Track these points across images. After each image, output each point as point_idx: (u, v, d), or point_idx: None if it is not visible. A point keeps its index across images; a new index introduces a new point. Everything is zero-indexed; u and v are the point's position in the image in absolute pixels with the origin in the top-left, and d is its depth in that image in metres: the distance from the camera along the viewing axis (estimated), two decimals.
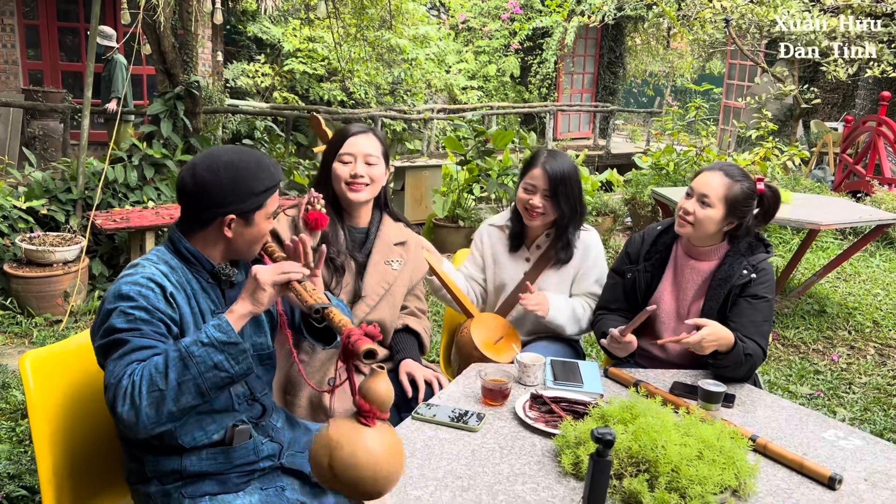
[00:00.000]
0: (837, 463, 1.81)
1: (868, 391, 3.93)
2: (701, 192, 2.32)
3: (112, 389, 1.51)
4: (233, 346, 1.56)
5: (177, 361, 1.52)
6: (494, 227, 2.80)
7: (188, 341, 1.55)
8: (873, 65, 7.79)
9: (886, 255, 6.58)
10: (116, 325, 1.57)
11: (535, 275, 2.69)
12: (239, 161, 1.73)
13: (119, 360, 1.54)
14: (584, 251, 2.68)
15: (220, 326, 1.57)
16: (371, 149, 2.31)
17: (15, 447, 2.71)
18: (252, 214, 1.73)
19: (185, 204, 1.74)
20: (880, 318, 5.04)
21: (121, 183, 5.27)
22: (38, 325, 4.25)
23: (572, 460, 1.68)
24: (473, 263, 2.80)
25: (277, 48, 11.40)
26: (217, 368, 1.54)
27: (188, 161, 1.76)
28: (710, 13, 8.13)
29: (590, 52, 14.98)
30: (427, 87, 12.71)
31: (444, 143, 6.01)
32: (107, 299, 1.62)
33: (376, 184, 2.33)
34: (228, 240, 1.74)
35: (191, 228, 1.74)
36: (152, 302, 1.60)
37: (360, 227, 2.40)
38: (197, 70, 5.72)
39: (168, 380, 1.50)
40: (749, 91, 10.66)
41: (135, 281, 1.62)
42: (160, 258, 1.72)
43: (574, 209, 2.61)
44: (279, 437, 1.88)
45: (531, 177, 2.58)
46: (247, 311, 1.62)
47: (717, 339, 2.13)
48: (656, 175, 7.01)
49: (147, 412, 1.50)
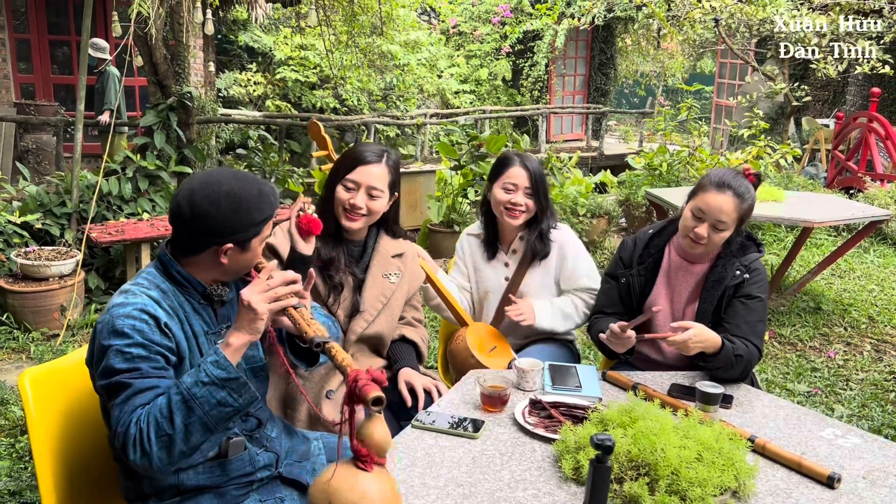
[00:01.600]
0: (836, 461, 1.81)
1: (865, 387, 3.94)
2: (716, 219, 2.26)
3: (121, 438, 1.52)
4: (233, 381, 1.55)
5: (180, 405, 1.52)
6: (472, 235, 2.82)
7: (189, 382, 1.55)
8: (863, 62, 7.83)
9: (881, 251, 6.61)
10: (115, 366, 1.56)
11: (519, 279, 2.71)
12: (240, 190, 1.70)
13: (123, 405, 1.54)
14: (561, 247, 2.70)
15: (219, 363, 1.56)
16: (377, 181, 2.28)
17: (15, 463, 2.70)
18: (248, 242, 1.72)
19: (179, 230, 1.71)
20: (876, 313, 5.06)
21: (115, 195, 5.27)
22: (35, 340, 4.24)
23: (572, 465, 1.69)
24: (459, 273, 2.82)
25: (269, 57, 11.41)
26: (221, 405, 1.55)
27: (184, 185, 1.72)
28: (700, 13, 8.17)
29: (581, 54, 15.03)
30: (419, 92, 12.73)
31: (438, 148, 6.02)
32: (101, 333, 1.60)
33: (374, 216, 2.31)
34: (222, 265, 1.72)
35: (183, 253, 1.72)
36: (147, 336, 1.59)
37: (358, 240, 2.40)
38: (189, 81, 5.72)
39: (174, 424, 1.51)
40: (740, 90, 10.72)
41: (127, 314, 1.59)
42: (151, 282, 1.69)
43: (547, 202, 2.67)
44: (274, 446, 1.88)
45: (510, 176, 2.60)
46: (244, 342, 1.61)
47: (703, 341, 2.14)
48: (650, 176, 7.03)
49: (159, 456, 1.51)
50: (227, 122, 9.15)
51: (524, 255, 2.69)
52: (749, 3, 8.21)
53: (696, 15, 8.28)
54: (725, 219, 2.27)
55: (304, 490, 1.88)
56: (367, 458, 1.36)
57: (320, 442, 2.03)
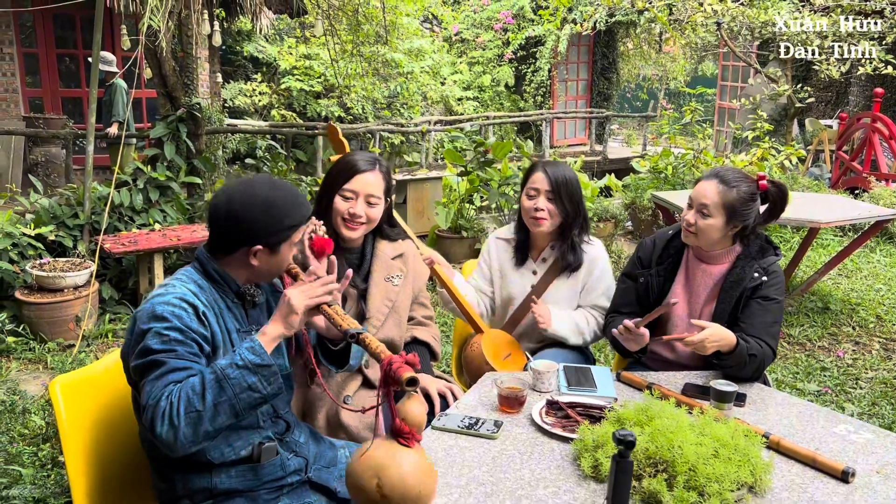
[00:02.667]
0: (849, 457, 1.85)
1: (875, 385, 3.97)
2: (699, 203, 2.36)
3: (150, 410, 1.56)
4: (266, 367, 1.62)
5: (213, 383, 1.58)
6: (501, 239, 2.83)
7: (224, 363, 1.61)
8: (865, 62, 7.87)
9: (887, 251, 6.64)
10: (152, 346, 1.61)
11: (544, 287, 2.73)
12: (276, 198, 1.78)
13: (156, 381, 1.59)
14: (591, 263, 2.72)
15: (254, 349, 1.63)
16: (375, 189, 2.31)
17: (38, 471, 2.75)
18: (279, 246, 1.79)
19: (214, 229, 1.79)
20: (883, 312, 5.08)
21: (126, 206, 5.33)
22: (52, 351, 4.29)
23: (591, 463, 1.73)
24: (482, 276, 2.84)
25: (273, 67, 11.49)
26: (251, 389, 1.60)
27: (224, 187, 1.81)
28: (702, 17, 8.21)
29: (583, 59, 15.09)
30: (423, 99, 12.79)
31: (444, 155, 6.07)
32: (140, 319, 1.66)
33: (372, 224, 2.34)
34: (253, 266, 1.79)
35: (218, 252, 1.80)
36: (185, 322, 1.65)
37: (355, 248, 2.41)
38: (198, 92, 5.78)
39: (205, 401, 1.56)
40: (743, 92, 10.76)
41: (167, 301, 1.66)
42: (189, 278, 1.77)
43: (577, 211, 2.66)
44: (303, 451, 1.92)
45: (533, 181, 2.64)
46: (279, 334, 1.68)
47: (719, 340, 2.18)
48: (655, 179, 7.07)
49: (185, 432, 1.55)
50: (233, 132, 9.21)
51: (553, 264, 2.71)
52: (751, 6, 8.25)
53: (699, 18, 8.33)
54: (707, 202, 2.33)
55: (333, 496, 1.92)
56: (409, 435, 1.44)
57: (346, 450, 2.06)
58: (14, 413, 3.15)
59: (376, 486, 1.41)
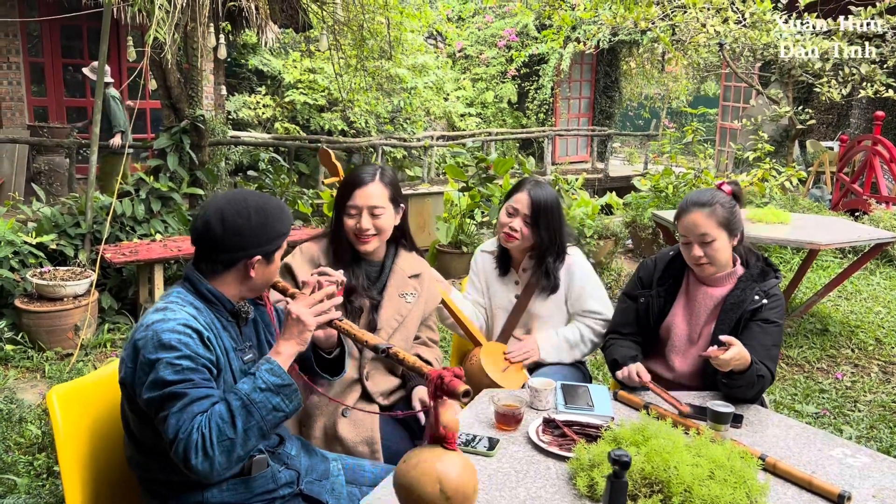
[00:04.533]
0: (846, 480, 1.84)
1: (873, 409, 3.96)
2: (698, 235, 2.37)
3: (182, 444, 1.57)
4: (287, 387, 1.66)
5: (240, 409, 1.61)
6: (485, 252, 2.88)
7: (247, 388, 1.64)
8: (866, 85, 7.91)
9: (886, 273, 6.64)
10: (167, 378, 1.61)
11: (527, 299, 2.75)
12: (266, 205, 1.80)
13: (181, 413, 1.59)
14: (569, 270, 2.73)
15: (273, 370, 1.66)
16: (376, 199, 2.33)
17: (33, 481, 2.74)
18: (273, 254, 1.81)
19: (208, 248, 1.78)
20: (883, 335, 5.08)
21: (128, 216, 5.34)
22: (50, 360, 4.29)
23: (587, 483, 1.72)
24: (474, 289, 2.87)
25: (278, 80, 11.55)
26: (276, 410, 1.64)
27: (209, 205, 1.80)
28: (705, 38, 8.26)
29: (586, 77, 15.17)
30: (426, 114, 12.85)
31: (446, 170, 6.10)
32: (145, 348, 1.64)
33: (384, 232, 2.37)
34: (250, 280, 1.80)
35: (211, 270, 1.79)
36: (193, 349, 1.65)
37: (375, 260, 2.45)
38: (202, 104, 5.82)
39: (236, 428, 1.59)
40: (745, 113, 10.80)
41: (172, 329, 1.65)
42: (184, 300, 1.75)
43: (553, 239, 2.67)
44: (295, 464, 1.92)
45: (515, 200, 2.66)
46: (293, 352, 1.71)
47: (741, 359, 2.17)
48: (656, 198, 7.08)
49: (220, 461, 1.58)
50: (237, 144, 9.25)
51: (531, 278, 2.73)
52: (753, 28, 8.31)
53: (701, 40, 8.38)
54: (704, 230, 2.35)
55: None
56: (452, 440, 1.51)
57: (339, 463, 2.06)
58: (10, 422, 3.15)
59: (440, 491, 1.46)
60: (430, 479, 1.48)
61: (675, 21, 8.18)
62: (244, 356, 1.84)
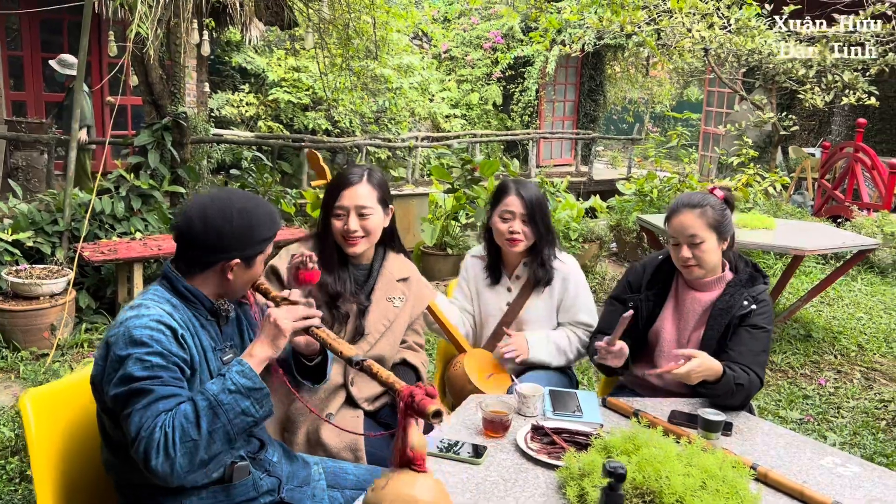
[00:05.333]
0: (837, 490, 1.82)
1: (856, 415, 3.97)
2: (687, 236, 2.35)
3: (144, 442, 1.51)
4: (257, 391, 1.60)
5: (206, 410, 1.55)
6: (476, 258, 2.83)
7: (215, 389, 1.57)
8: (849, 92, 7.97)
9: (868, 280, 6.68)
10: (135, 374, 1.55)
11: (520, 305, 2.71)
12: (252, 208, 1.76)
13: (144, 410, 1.53)
14: (565, 279, 2.71)
15: (244, 372, 1.60)
16: (364, 199, 2.29)
17: (5, 486, 2.66)
18: (254, 259, 1.77)
19: (187, 246, 1.74)
20: (864, 341, 5.10)
21: (108, 214, 5.25)
22: (25, 360, 4.19)
23: (577, 492, 1.69)
24: (462, 294, 2.82)
25: (262, 78, 11.45)
26: (244, 414, 1.58)
27: (194, 202, 1.75)
28: (690, 42, 8.28)
29: (570, 81, 15.19)
30: (411, 115, 12.80)
31: (431, 172, 6.05)
32: (116, 344, 1.60)
33: (373, 234, 2.33)
34: (228, 281, 1.75)
35: (189, 270, 1.74)
36: (165, 346, 1.60)
37: (363, 264, 2.41)
38: (184, 101, 5.73)
39: (200, 429, 1.53)
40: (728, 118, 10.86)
41: (145, 325, 1.60)
42: (161, 297, 1.71)
43: (548, 230, 2.67)
44: (276, 471, 1.87)
45: (506, 205, 2.62)
46: (266, 356, 1.66)
47: (705, 371, 2.15)
48: (640, 202, 7.08)
49: (181, 462, 1.52)
50: (219, 142, 9.15)
51: (527, 281, 2.69)
52: (738, 34, 8.34)
53: (686, 44, 8.40)
54: (694, 232, 2.34)
55: None
56: (421, 462, 1.48)
57: (320, 467, 2.02)
58: None
59: None
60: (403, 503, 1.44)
61: (661, 25, 8.19)
62: (223, 356, 1.79)
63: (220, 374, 1.63)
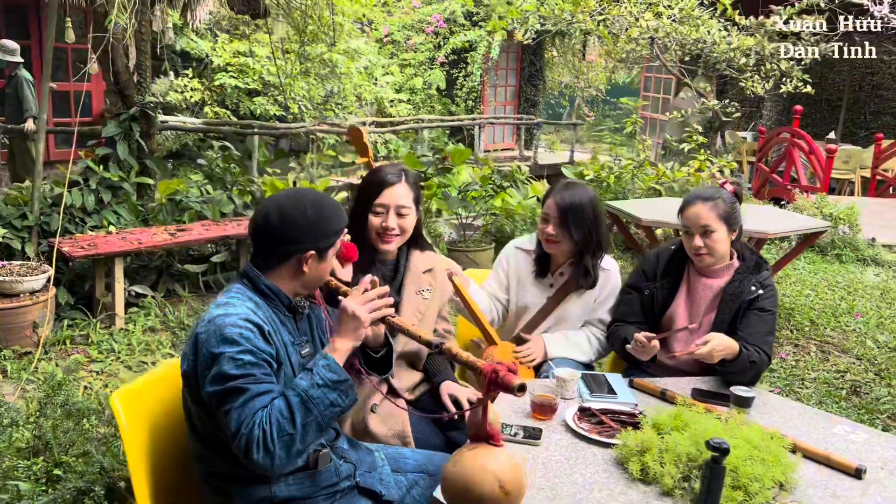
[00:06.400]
0: (854, 454, 2.04)
1: (819, 385, 4.29)
2: (700, 226, 2.55)
3: (244, 439, 1.61)
4: (343, 382, 1.70)
5: (299, 405, 1.65)
6: (521, 250, 2.93)
7: (305, 384, 1.67)
8: (786, 81, 8.41)
9: (810, 258, 7.13)
10: (229, 373, 1.64)
11: (558, 301, 2.84)
12: (322, 200, 1.85)
13: (242, 408, 1.63)
14: (604, 281, 2.83)
15: (329, 366, 1.70)
16: (405, 199, 2.38)
17: (32, 486, 2.65)
18: (327, 251, 1.85)
19: (264, 241, 1.83)
20: (815, 317, 5.48)
21: (78, 207, 5.13)
22: (8, 358, 4.10)
23: (639, 467, 1.86)
24: (498, 283, 2.93)
25: (206, 62, 11.20)
26: (333, 405, 1.69)
27: (267, 200, 1.85)
28: (638, 31, 8.57)
29: (511, 66, 15.41)
30: (357, 99, 12.76)
31: (403, 161, 6.13)
32: (207, 342, 1.68)
33: (406, 233, 2.42)
34: (303, 275, 1.83)
35: (267, 265, 1.83)
36: (255, 343, 1.69)
37: (390, 260, 2.49)
38: (151, 90, 5.62)
39: (295, 424, 1.63)
40: (673, 105, 11.26)
41: (234, 323, 1.69)
42: (244, 295, 1.79)
43: (588, 237, 2.72)
44: (350, 457, 1.98)
45: (546, 207, 2.76)
46: (349, 347, 1.76)
47: (725, 349, 2.36)
48: (597, 188, 7.32)
49: (280, 455, 1.62)
50: (168, 129, 8.96)
51: (570, 280, 2.81)
52: (682, 24, 8.68)
53: (634, 33, 8.69)
54: (706, 222, 2.54)
55: (378, 498, 1.98)
56: (497, 437, 1.59)
57: (381, 453, 2.12)
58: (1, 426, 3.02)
59: (499, 488, 1.52)
60: (489, 477, 1.55)
61: (610, 14, 8.45)
62: (301, 350, 1.89)
63: (307, 369, 1.73)
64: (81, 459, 2.73)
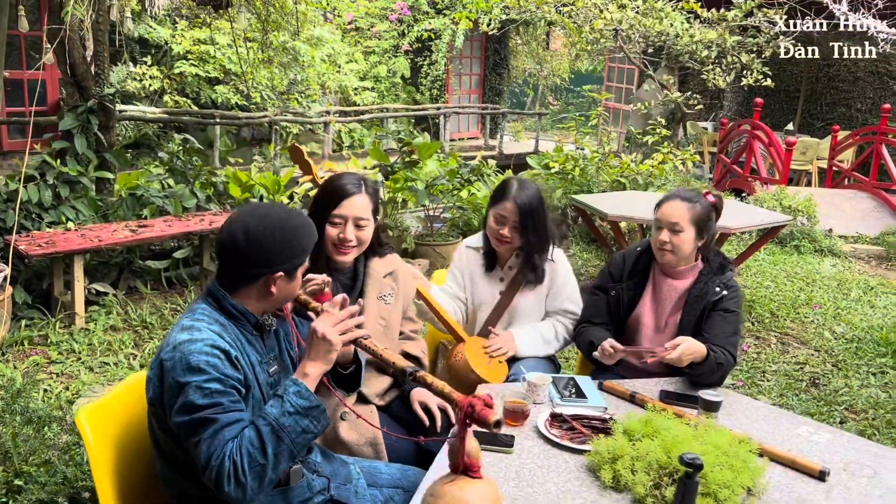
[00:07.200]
0: (817, 456, 2.09)
1: (780, 377, 4.39)
2: (670, 222, 2.59)
3: (214, 471, 1.58)
4: (315, 409, 1.68)
5: (270, 435, 1.62)
6: (471, 248, 2.95)
7: (276, 413, 1.65)
8: (747, 73, 8.53)
9: (770, 250, 7.27)
10: (197, 402, 1.61)
11: (511, 295, 2.86)
12: (289, 220, 1.80)
13: (212, 440, 1.60)
14: (552, 270, 2.87)
15: (301, 393, 1.67)
16: (363, 211, 2.33)
17: None
18: (295, 271, 1.82)
19: (230, 261, 1.77)
20: (775, 308, 5.59)
21: (34, 203, 5.00)
22: None
23: (611, 475, 1.87)
24: (455, 282, 2.94)
25: (164, 50, 10.96)
26: (305, 432, 1.67)
27: (235, 217, 1.78)
28: (603, 22, 8.61)
29: (476, 55, 15.39)
30: (321, 88, 12.62)
31: (371, 154, 6.07)
32: (173, 370, 1.64)
33: (364, 245, 2.38)
34: (271, 296, 1.79)
35: (233, 285, 1.79)
36: (222, 370, 1.65)
37: (347, 269, 2.43)
38: (109, 82, 5.49)
39: (266, 454, 1.61)
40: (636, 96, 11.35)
41: (200, 350, 1.65)
42: (209, 317, 1.74)
43: (540, 238, 2.78)
44: (323, 470, 1.97)
45: (502, 209, 2.73)
46: (320, 372, 1.73)
47: (693, 353, 2.40)
48: (562, 180, 7.35)
49: (252, 486, 1.60)
50: (127, 119, 8.77)
51: (517, 274, 2.84)
52: (645, 16, 8.74)
53: (599, 25, 8.72)
54: (677, 220, 2.58)
55: None
56: (477, 469, 1.56)
57: (356, 466, 2.11)
58: None
59: None
60: None
61: (576, 6, 8.46)
62: (269, 368, 1.85)
63: (278, 396, 1.69)
64: (43, 469, 2.66)
